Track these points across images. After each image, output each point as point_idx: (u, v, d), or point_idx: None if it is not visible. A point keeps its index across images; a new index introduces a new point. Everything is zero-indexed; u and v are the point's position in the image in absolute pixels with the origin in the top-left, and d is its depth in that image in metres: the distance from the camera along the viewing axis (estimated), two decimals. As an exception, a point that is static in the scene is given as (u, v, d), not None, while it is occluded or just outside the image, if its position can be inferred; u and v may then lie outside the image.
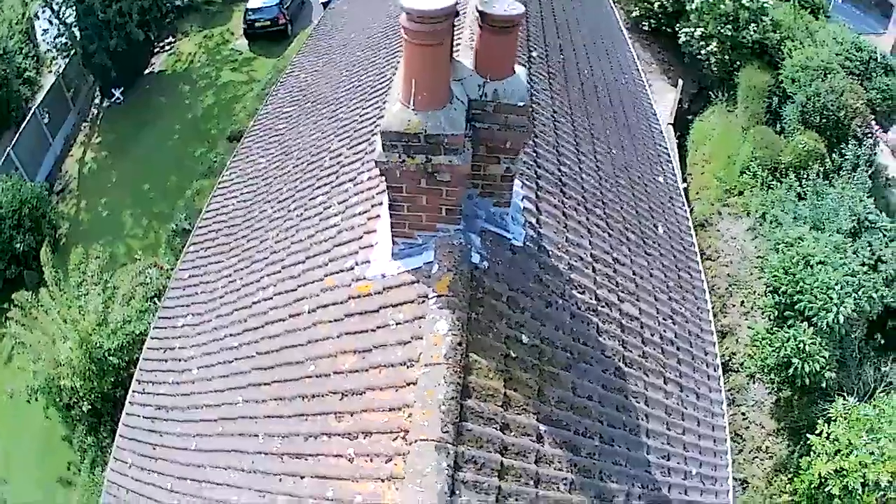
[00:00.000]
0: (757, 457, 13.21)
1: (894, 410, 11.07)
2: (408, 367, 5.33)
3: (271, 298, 8.22)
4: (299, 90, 14.59)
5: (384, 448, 4.97)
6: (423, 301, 5.56)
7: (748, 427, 13.48)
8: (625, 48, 16.84)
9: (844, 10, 30.24)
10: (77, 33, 25.43)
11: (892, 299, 12.67)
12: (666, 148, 13.04)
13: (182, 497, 7.67)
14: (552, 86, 10.44)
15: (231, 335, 8.73)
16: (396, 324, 5.75)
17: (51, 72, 26.77)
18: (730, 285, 15.22)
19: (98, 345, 13.81)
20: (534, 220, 7.05)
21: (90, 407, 14.36)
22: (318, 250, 7.82)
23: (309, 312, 7.08)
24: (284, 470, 5.96)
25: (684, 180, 17.47)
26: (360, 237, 7.08)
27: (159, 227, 20.55)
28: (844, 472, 10.14)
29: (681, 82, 22.03)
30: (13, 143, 22.72)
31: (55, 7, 25.58)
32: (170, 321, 11.01)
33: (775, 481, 12.68)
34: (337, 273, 7.02)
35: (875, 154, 17.68)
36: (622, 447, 6.36)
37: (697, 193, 17.63)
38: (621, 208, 9.37)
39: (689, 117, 21.56)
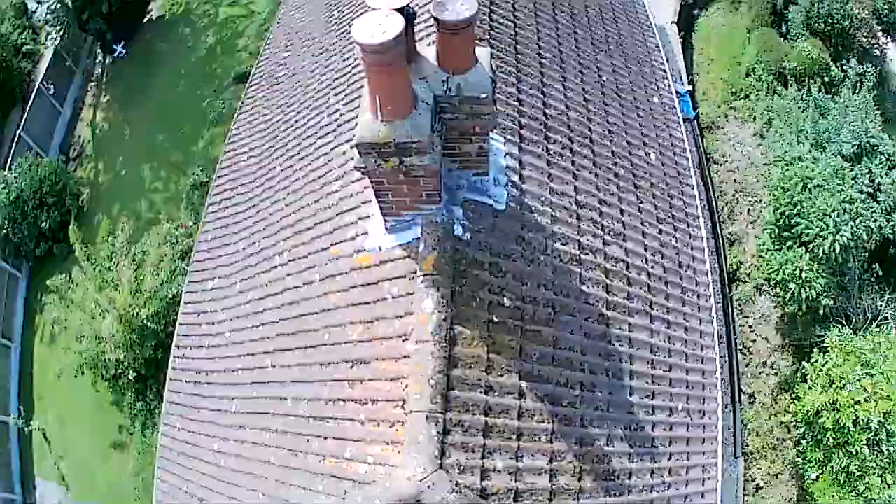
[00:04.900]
0: (763, 371, 13.61)
1: (890, 346, 11.33)
2: (403, 341, 6.01)
3: (286, 264, 8.74)
4: (295, 32, 14.29)
5: (388, 415, 5.74)
6: (413, 277, 6.17)
7: (755, 340, 13.84)
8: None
9: None
10: (69, 3, 24.27)
11: (889, 231, 12.57)
12: (663, 63, 12.96)
13: (226, 457, 8.54)
14: (538, 17, 10.44)
15: (256, 299, 9.28)
16: (392, 297, 6.39)
17: (46, 47, 25.69)
18: (736, 192, 15.41)
19: (136, 314, 14.40)
20: (517, 178, 7.45)
21: (136, 374, 14.92)
22: (323, 217, 8.25)
23: (320, 281, 7.67)
24: (311, 431, 6.73)
25: (691, 82, 17.38)
26: (359, 206, 7.54)
27: (178, 178, 20.55)
28: (837, 407, 10.46)
29: (686, -24, 21.37)
30: (22, 123, 22.25)
31: None
32: (199, 284, 11.48)
33: (780, 399, 13.05)
34: (341, 243, 7.53)
35: (883, 64, 17.30)
36: (604, 393, 7.00)
37: (704, 94, 17.45)
38: (611, 142, 9.56)
39: (696, 12, 21.08)
